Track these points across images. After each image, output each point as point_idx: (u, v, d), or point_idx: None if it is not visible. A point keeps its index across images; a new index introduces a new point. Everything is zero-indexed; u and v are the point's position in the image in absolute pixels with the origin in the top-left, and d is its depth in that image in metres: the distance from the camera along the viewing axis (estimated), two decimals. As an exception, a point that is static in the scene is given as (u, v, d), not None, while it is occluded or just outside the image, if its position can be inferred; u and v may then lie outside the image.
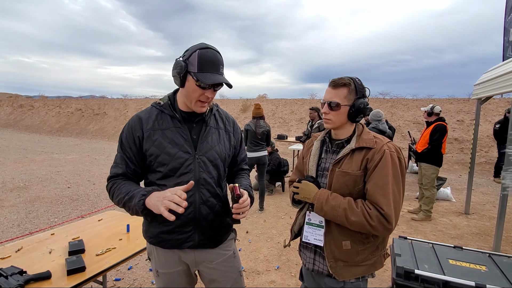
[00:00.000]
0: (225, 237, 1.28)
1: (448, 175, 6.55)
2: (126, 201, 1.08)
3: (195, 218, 1.16)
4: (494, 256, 1.78)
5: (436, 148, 3.84)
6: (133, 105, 17.00)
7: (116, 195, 1.12)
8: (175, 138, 1.13)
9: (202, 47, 1.07)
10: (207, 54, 1.06)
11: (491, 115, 9.59)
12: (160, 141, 1.12)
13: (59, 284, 1.30)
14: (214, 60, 1.07)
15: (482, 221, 4.02)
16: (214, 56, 1.07)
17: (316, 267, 1.24)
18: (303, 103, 14.07)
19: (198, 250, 1.21)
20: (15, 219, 3.85)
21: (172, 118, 1.16)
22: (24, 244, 1.70)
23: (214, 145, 1.20)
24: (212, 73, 1.06)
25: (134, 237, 1.85)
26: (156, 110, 1.18)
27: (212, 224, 1.20)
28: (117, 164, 1.16)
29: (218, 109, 1.31)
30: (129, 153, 1.15)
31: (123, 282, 2.52)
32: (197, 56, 1.05)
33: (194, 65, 1.05)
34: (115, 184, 1.14)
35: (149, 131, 1.13)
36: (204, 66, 1.05)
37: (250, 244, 3.26)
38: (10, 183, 5.45)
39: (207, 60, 1.05)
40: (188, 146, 1.14)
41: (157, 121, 1.15)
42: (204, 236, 1.19)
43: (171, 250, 1.20)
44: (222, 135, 1.25)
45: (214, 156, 1.19)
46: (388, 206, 1.05)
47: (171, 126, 1.15)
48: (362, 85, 1.18)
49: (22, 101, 22.21)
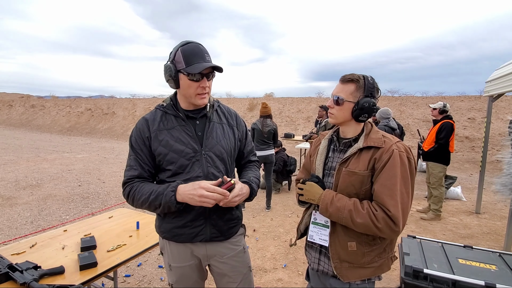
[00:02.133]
0: (236, 229, 1.30)
1: (458, 174, 6.43)
2: (152, 200, 1.11)
3: (205, 212, 1.19)
4: (504, 255, 1.76)
5: (443, 147, 3.77)
6: (141, 105, 17.21)
7: (138, 197, 1.13)
8: (180, 136, 1.17)
9: (183, 44, 1.11)
10: (189, 47, 1.10)
11: (503, 113, 9.37)
12: (167, 141, 1.16)
13: (72, 279, 1.34)
14: (197, 51, 1.10)
15: (493, 221, 3.94)
16: (196, 47, 1.11)
17: (321, 267, 1.23)
18: (310, 101, 14.00)
19: (210, 244, 1.24)
20: (29, 216, 3.96)
21: (176, 118, 1.20)
22: (38, 240, 1.75)
23: (219, 140, 1.22)
24: (199, 62, 1.08)
25: (144, 234, 1.88)
26: (160, 111, 1.22)
27: (223, 217, 1.23)
28: (131, 166, 1.19)
29: (220, 105, 1.33)
30: (141, 154, 1.18)
31: (133, 278, 2.57)
32: (180, 53, 1.09)
33: (181, 62, 1.09)
34: (134, 187, 1.16)
35: (155, 131, 1.17)
36: (189, 59, 1.08)
37: (257, 242, 3.27)
38: (23, 181, 5.59)
39: (190, 52, 1.09)
40: (194, 142, 1.17)
41: (162, 122, 1.19)
42: (215, 229, 1.22)
43: (184, 244, 1.23)
44: (226, 129, 1.27)
45: (220, 151, 1.21)
46: (395, 208, 1.02)
47: (176, 125, 1.18)
48: (373, 85, 1.14)
49: (33, 101, 22.73)
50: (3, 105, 23.18)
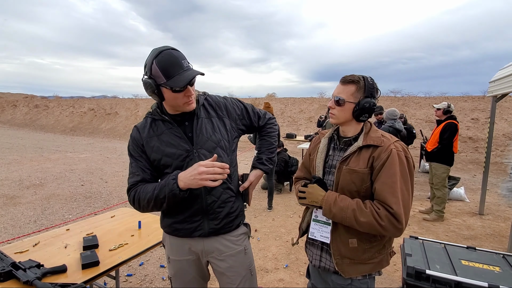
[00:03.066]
0: (236, 221, 1.29)
1: (462, 175, 6.40)
2: (156, 195, 1.11)
3: (202, 208, 1.19)
4: (508, 257, 1.74)
5: (446, 147, 3.75)
6: (143, 105, 17.27)
7: (143, 198, 1.14)
8: (170, 139, 1.18)
9: (155, 55, 1.05)
10: (163, 58, 1.04)
11: (507, 113, 9.31)
12: (158, 146, 1.17)
13: (74, 277, 1.35)
14: (173, 60, 1.05)
15: (497, 222, 3.91)
16: (170, 56, 1.05)
17: (322, 264, 1.24)
18: (312, 102, 13.98)
19: (208, 239, 1.24)
20: (32, 215, 3.99)
21: (164, 122, 1.20)
22: (41, 239, 1.76)
23: (210, 135, 1.21)
24: (180, 73, 1.04)
25: (145, 233, 1.89)
26: (149, 119, 1.23)
27: (220, 212, 1.23)
28: (134, 173, 1.20)
29: (206, 98, 1.29)
30: (141, 160, 1.20)
31: (134, 278, 2.58)
32: (157, 66, 1.04)
33: (160, 76, 1.04)
34: (138, 190, 1.17)
35: (146, 139, 1.19)
36: (168, 72, 1.03)
37: (259, 243, 3.27)
38: (26, 181, 5.63)
39: (166, 64, 1.04)
40: (184, 143, 1.18)
41: (151, 129, 1.20)
42: (214, 224, 1.22)
43: (182, 239, 1.24)
44: (216, 122, 1.25)
45: (212, 146, 1.21)
46: (397, 205, 1.04)
47: (164, 130, 1.19)
48: (373, 85, 1.16)
49: (37, 102, 22.89)
50: (8, 105, 23.37)
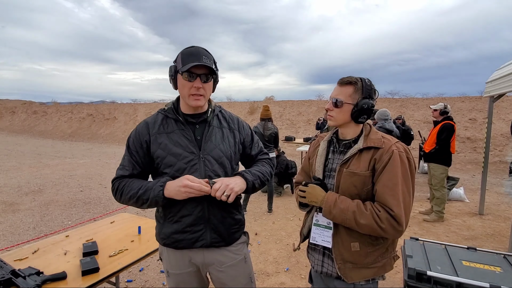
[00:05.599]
0: (238, 235, 1.29)
1: (461, 175, 6.40)
2: (140, 195, 1.12)
3: (204, 216, 1.18)
4: (509, 257, 1.74)
5: (444, 148, 3.77)
6: (142, 109, 17.28)
7: (126, 192, 1.15)
8: (179, 140, 1.18)
9: (186, 47, 1.16)
10: (189, 49, 1.14)
11: (505, 113, 9.35)
12: (166, 144, 1.17)
13: (74, 284, 1.34)
14: (194, 52, 1.12)
15: (497, 222, 3.91)
16: (194, 49, 1.14)
17: (324, 269, 1.22)
18: (311, 104, 14.02)
19: (208, 251, 1.22)
20: (31, 222, 3.96)
21: (176, 122, 1.21)
22: (40, 246, 1.75)
23: (218, 144, 1.22)
24: (193, 62, 1.09)
25: (145, 238, 1.88)
26: (161, 115, 1.23)
27: (223, 222, 1.22)
28: (124, 166, 1.20)
29: (221, 110, 1.33)
30: (136, 156, 1.19)
31: (134, 284, 2.56)
32: (180, 54, 1.14)
33: (179, 62, 1.13)
34: (123, 182, 1.18)
35: (155, 134, 1.18)
36: (186, 60, 1.11)
37: (259, 246, 3.26)
38: (25, 187, 5.60)
39: (188, 53, 1.12)
40: (192, 146, 1.18)
41: (162, 126, 1.20)
42: (216, 234, 1.21)
43: (181, 251, 1.22)
44: (226, 133, 1.27)
45: (219, 154, 1.21)
46: (398, 208, 1.03)
47: (175, 129, 1.19)
48: (371, 87, 1.16)
49: (35, 108, 22.87)
50: (6, 112, 23.35)
